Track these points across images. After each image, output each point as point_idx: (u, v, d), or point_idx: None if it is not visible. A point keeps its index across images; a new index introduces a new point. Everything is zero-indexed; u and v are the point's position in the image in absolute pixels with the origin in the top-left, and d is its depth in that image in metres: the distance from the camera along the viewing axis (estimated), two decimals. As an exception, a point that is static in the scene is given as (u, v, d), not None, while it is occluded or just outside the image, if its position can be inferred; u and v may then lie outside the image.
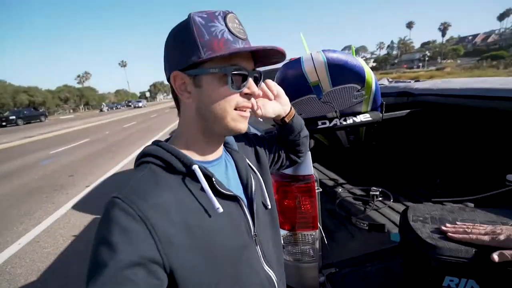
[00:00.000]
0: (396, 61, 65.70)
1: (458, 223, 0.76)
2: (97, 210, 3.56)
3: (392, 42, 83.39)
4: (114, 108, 44.51)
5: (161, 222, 0.42)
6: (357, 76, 1.00)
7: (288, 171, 1.09)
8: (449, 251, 0.68)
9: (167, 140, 0.57)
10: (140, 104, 44.43)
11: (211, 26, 0.46)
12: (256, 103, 0.60)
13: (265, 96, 0.64)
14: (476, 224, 0.72)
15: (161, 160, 0.49)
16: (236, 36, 0.47)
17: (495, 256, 0.61)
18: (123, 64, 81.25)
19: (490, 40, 62.98)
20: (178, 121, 0.56)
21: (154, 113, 24.49)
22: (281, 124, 0.71)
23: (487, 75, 23.07)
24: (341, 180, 2.22)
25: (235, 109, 0.50)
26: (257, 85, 0.54)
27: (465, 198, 1.44)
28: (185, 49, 0.46)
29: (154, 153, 0.50)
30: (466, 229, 0.70)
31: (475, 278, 0.67)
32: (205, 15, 0.46)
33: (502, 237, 0.63)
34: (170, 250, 0.42)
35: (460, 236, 0.69)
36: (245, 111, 0.52)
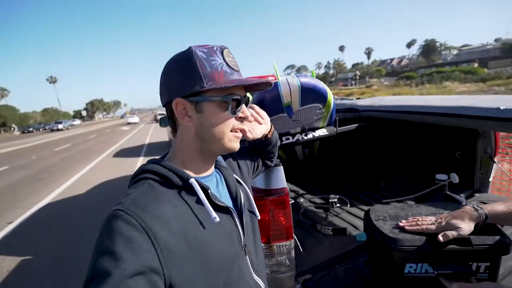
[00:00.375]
0: (333, 79, 73.58)
1: (409, 218, 0.91)
2: (27, 249, 3.01)
3: (328, 62, 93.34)
4: (41, 129, 37.90)
5: (162, 232, 0.45)
6: (322, 97, 1.15)
7: (261, 185, 1.14)
8: (407, 242, 0.81)
9: (162, 159, 0.60)
10: (60, 126, 32.60)
11: (212, 60, 0.52)
12: (247, 127, 0.66)
13: (256, 121, 0.72)
14: (423, 217, 0.88)
15: (159, 175, 0.53)
16: (232, 69, 0.54)
17: (440, 237, 0.77)
18: (52, 80, 71.78)
19: (403, 63, 75.67)
20: (122, 141, 0.57)
21: (92, 133, 22.15)
22: (264, 140, 0.80)
23: (403, 91, 27.56)
24: (301, 191, 2.36)
25: (231, 131, 0.57)
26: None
27: (406, 197, 1.69)
28: (188, 79, 0.51)
29: (152, 169, 0.53)
30: (417, 222, 0.85)
31: (428, 261, 0.81)
32: (206, 50, 0.52)
33: (443, 223, 0.79)
34: (169, 260, 0.44)
35: (414, 228, 0.83)
36: (238, 132, 0.59)
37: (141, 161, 7.57)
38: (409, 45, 78.35)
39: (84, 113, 37.64)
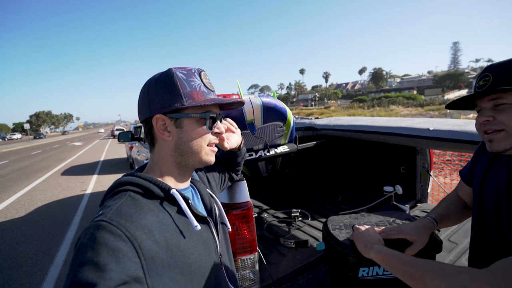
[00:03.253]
0: (294, 100, 77.75)
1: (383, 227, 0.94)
2: None
3: (290, 84, 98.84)
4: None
5: (147, 242, 0.46)
6: (282, 115, 1.24)
7: (225, 199, 1.16)
8: None
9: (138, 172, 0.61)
10: None
11: (191, 81, 0.57)
12: (224, 137, 0.72)
13: (230, 130, 0.78)
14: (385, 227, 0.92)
15: (140, 187, 0.54)
16: (209, 89, 0.60)
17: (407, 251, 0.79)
18: (-13, 89, 63.45)
19: (356, 87, 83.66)
20: (73, 158, 0.58)
21: (38, 148, 19.81)
22: (236, 151, 0.85)
23: (357, 112, 30.30)
24: (264, 207, 2.40)
25: (207, 145, 0.61)
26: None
27: (360, 209, 1.84)
28: (169, 97, 0.55)
29: (132, 181, 0.54)
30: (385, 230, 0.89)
31: (377, 264, 0.89)
32: (185, 71, 0.58)
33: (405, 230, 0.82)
34: (152, 269, 0.45)
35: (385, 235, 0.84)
36: (213, 146, 0.64)
37: (95, 179, 6.94)
38: (360, 71, 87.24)
39: (27, 126, 33.20)
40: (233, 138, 0.78)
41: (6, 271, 2.74)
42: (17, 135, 46.18)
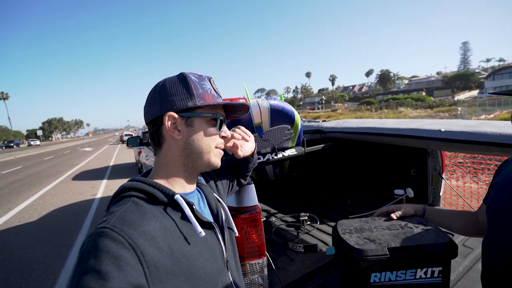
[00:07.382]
0: (301, 103, 77.62)
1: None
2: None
3: (296, 87, 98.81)
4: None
5: (150, 249, 0.45)
6: (290, 118, 1.24)
7: (233, 203, 1.16)
8: (371, 252, 0.86)
9: (144, 177, 0.60)
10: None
11: (203, 84, 0.60)
12: (238, 144, 0.74)
13: (244, 138, 0.79)
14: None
15: (144, 192, 0.53)
16: (217, 93, 0.63)
17: (392, 215, 1.00)
18: (3, 97, 65.55)
19: (363, 90, 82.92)
20: (83, 163, 0.58)
21: (49, 154, 20.29)
22: (249, 157, 0.85)
23: (365, 115, 29.99)
24: (273, 210, 2.38)
25: (216, 147, 0.62)
26: None
27: (369, 212, 1.80)
28: (182, 96, 0.57)
29: (136, 187, 0.54)
30: (381, 211, 1.05)
31: (389, 269, 0.87)
32: (196, 76, 0.60)
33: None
34: (155, 276, 0.44)
35: (378, 212, 1.04)
36: (220, 148, 0.64)
37: (104, 184, 7.05)
38: (367, 74, 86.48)
39: (39, 132, 34.01)
40: (247, 146, 0.79)
41: (19, 275, 2.80)
42: (37, 142, 48.70)
